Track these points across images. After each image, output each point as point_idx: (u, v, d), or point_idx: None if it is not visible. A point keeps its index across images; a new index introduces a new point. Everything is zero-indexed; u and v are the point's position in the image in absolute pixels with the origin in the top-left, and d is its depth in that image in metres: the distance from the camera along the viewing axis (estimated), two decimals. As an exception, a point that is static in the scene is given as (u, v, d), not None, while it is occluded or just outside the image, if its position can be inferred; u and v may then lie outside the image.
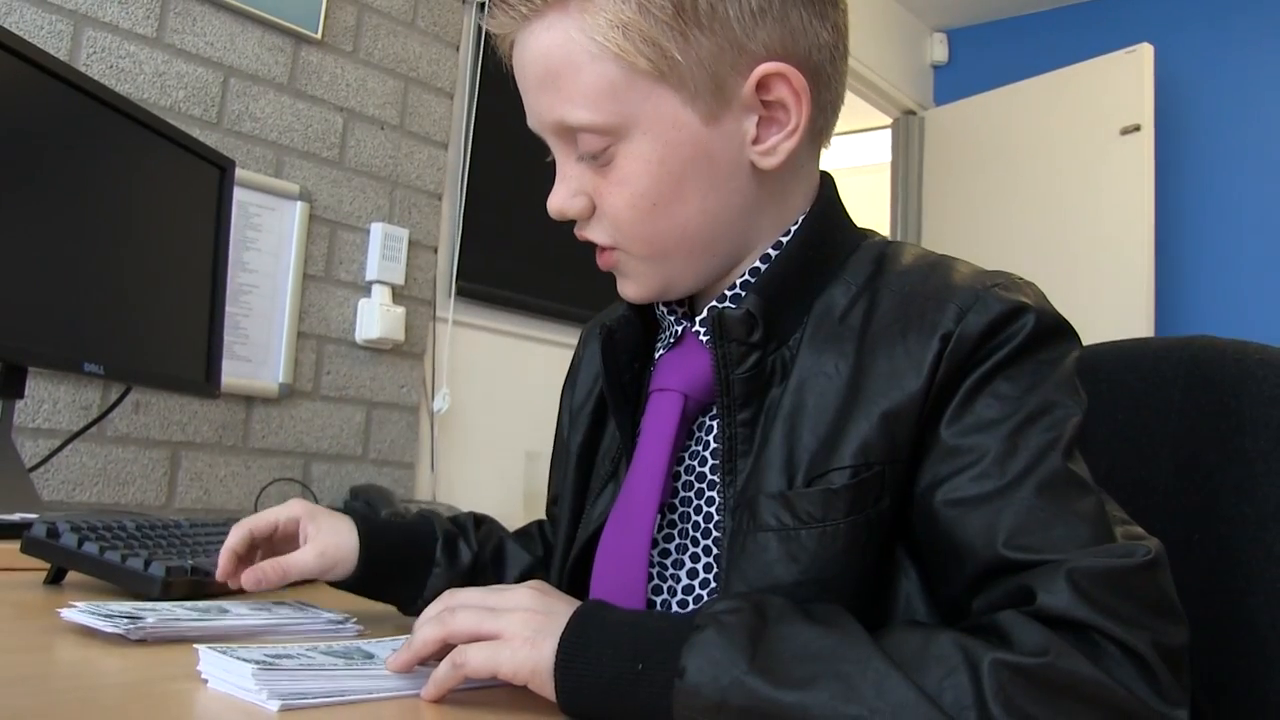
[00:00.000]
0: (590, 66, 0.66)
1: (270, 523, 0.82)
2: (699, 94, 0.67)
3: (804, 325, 0.70)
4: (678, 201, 0.69)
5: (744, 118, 0.69)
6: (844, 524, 0.63)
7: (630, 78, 0.66)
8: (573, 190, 0.72)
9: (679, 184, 0.69)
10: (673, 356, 0.76)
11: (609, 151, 0.68)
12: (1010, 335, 0.63)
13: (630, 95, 0.67)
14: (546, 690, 0.56)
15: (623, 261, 0.73)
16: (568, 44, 0.66)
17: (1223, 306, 3.26)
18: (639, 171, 0.68)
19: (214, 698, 0.53)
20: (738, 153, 0.70)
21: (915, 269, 0.70)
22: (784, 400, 0.68)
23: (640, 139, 0.68)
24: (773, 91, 0.68)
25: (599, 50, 0.66)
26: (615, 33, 0.65)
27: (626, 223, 0.70)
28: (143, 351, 1.39)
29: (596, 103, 0.67)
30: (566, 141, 0.71)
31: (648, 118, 0.67)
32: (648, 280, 0.74)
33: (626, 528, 0.73)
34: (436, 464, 2.15)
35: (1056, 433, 0.61)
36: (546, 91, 0.69)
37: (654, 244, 0.71)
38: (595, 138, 0.68)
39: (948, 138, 3.82)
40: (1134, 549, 0.56)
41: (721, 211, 0.71)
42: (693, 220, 0.70)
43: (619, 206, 0.70)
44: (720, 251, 0.73)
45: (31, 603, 0.79)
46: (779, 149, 0.70)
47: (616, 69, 0.66)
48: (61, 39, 1.58)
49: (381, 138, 2.08)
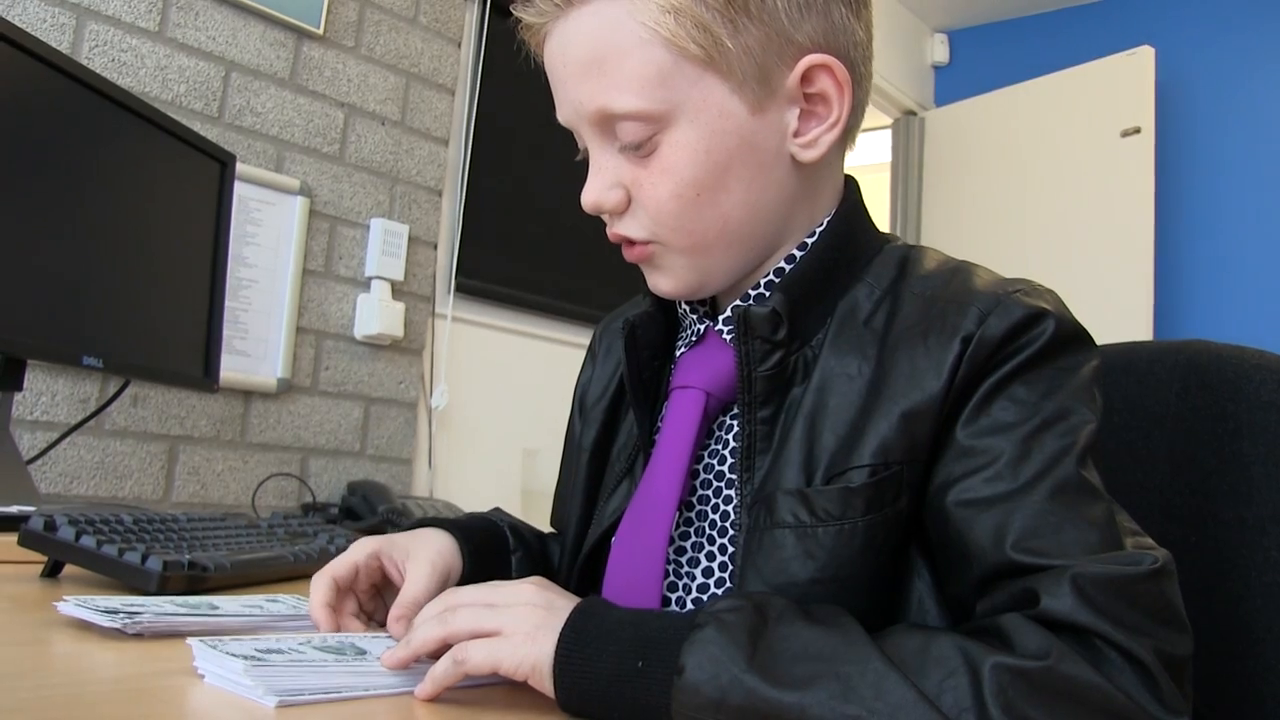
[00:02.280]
0: (639, 52, 0.65)
1: (350, 565, 0.75)
2: (746, 83, 0.67)
3: (827, 326, 0.70)
4: (721, 191, 0.69)
5: (787, 109, 0.69)
6: (861, 522, 0.63)
7: (679, 64, 0.66)
8: (609, 182, 0.71)
9: (724, 173, 0.68)
10: (695, 354, 0.76)
11: (653, 140, 0.68)
12: (1030, 340, 0.63)
13: (678, 82, 0.66)
14: (545, 687, 0.56)
15: (659, 255, 0.72)
16: (616, 29, 0.66)
17: (1222, 310, 3.26)
18: (685, 160, 0.68)
19: (211, 693, 0.53)
20: (780, 144, 0.70)
21: (938, 274, 0.70)
22: (805, 399, 0.68)
23: (687, 127, 0.67)
24: (816, 84, 0.69)
25: (649, 35, 0.65)
26: (667, 17, 0.65)
27: (670, 213, 0.69)
28: (142, 345, 1.39)
29: (644, 89, 0.66)
30: (604, 132, 0.70)
31: (695, 105, 0.67)
32: (684, 275, 0.73)
33: (644, 525, 0.73)
34: (434, 460, 2.15)
35: (1071, 439, 0.61)
36: (589, 79, 0.68)
37: (695, 235, 0.70)
38: (639, 126, 0.67)
39: (948, 139, 3.82)
40: (1141, 557, 0.56)
41: (762, 204, 0.71)
42: (735, 211, 0.70)
43: (662, 197, 0.69)
44: (757, 246, 0.73)
45: (28, 596, 0.79)
46: (820, 141, 0.70)
47: (666, 55, 0.66)
48: (64, 32, 1.58)
49: (382, 133, 2.08)
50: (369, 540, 0.77)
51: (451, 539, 0.79)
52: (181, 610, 0.70)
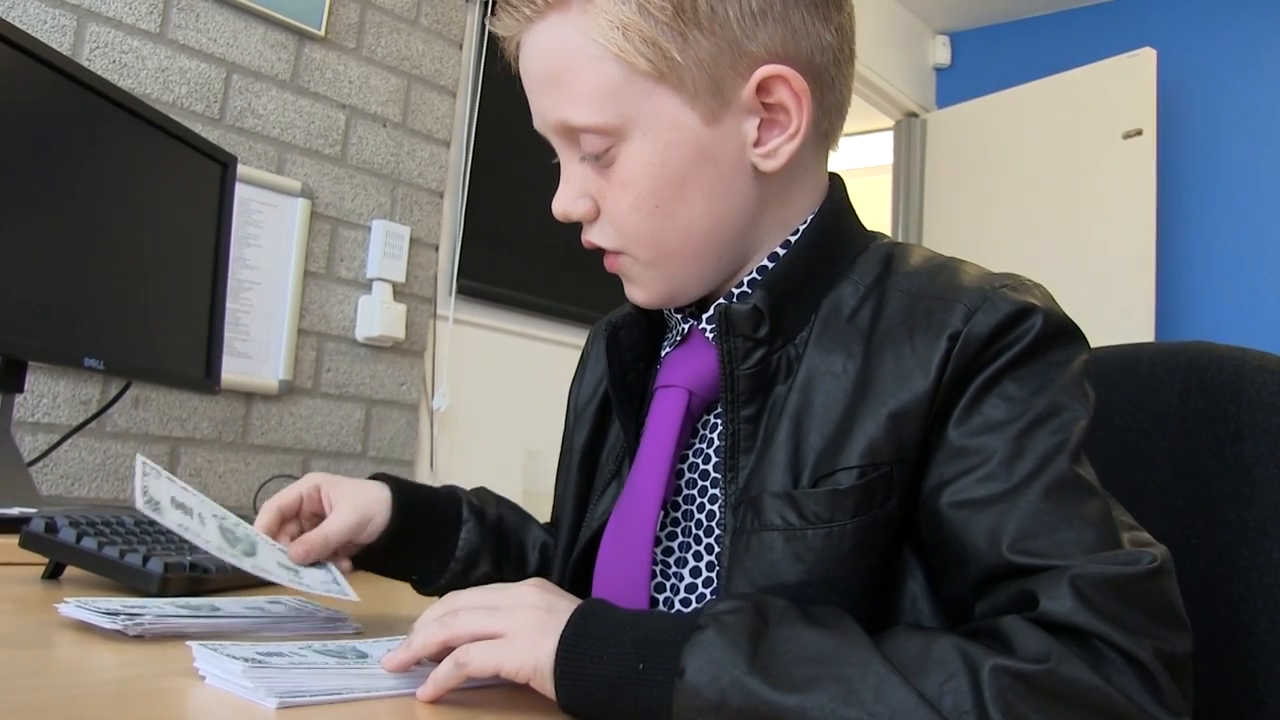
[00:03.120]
0: (591, 67, 0.66)
1: (295, 496, 0.83)
2: (699, 95, 0.67)
3: (811, 324, 0.70)
4: (680, 203, 0.69)
5: (744, 120, 0.69)
6: (851, 524, 0.63)
7: (630, 78, 0.66)
8: (576, 192, 0.72)
9: (680, 185, 0.69)
10: (679, 354, 0.76)
11: (611, 153, 0.68)
12: (1018, 336, 0.63)
13: (630, 96, 0.67)
14: (547, 688, 0.56)
15: (628, 266, 0.73)
16: (569, 45, 0.67)
17: (1223, 312, 3.26)
18: (640, 173, 0.68)
19: (212, 694, 0.53)
20: (739, 155, 0.70)
21: (923, 270, 0.70)
22: (790, 398, 0.68)
23: (641, 140, 0.68)
24: (773, 94, 0.68)
25: (599, 51, 0.66)
26: (615, 33, 0.65)
27: (631, 225, 0.70)
28: (143, 347, 1.39)
29: (597, 104, 0.67)
30: (570, 142, 0.71)
31: (648, 118, 0.67)
32: (654, 286, 0.74)
33: (629, 525, 0.73)
34: (436, 462, 2.15)
35: (1064, 435, 0.61)
36: (549, 93, 0.69)
37: (658, 247, 0.71)
38: (597, 138, 0.68)
39: (950, 140, 3.82)
40: (1139, 556, 0.56)
41: (725, 214, 0.71)
42: (696, 222, 0.70)
43: (623, 209, 0.70)
44: (725, 254, 0.73)
45: (29, 597, 0.79)
46: (780, 151, 0.69)
47: (616, 70, 0.66)
48: (65, 33, 1.58)
49: (384, 135, 2.08)
50: (316, 474, 0.85)
51: (385, 491, 0.84)
52: (183, 612, 0.70)
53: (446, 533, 0.88)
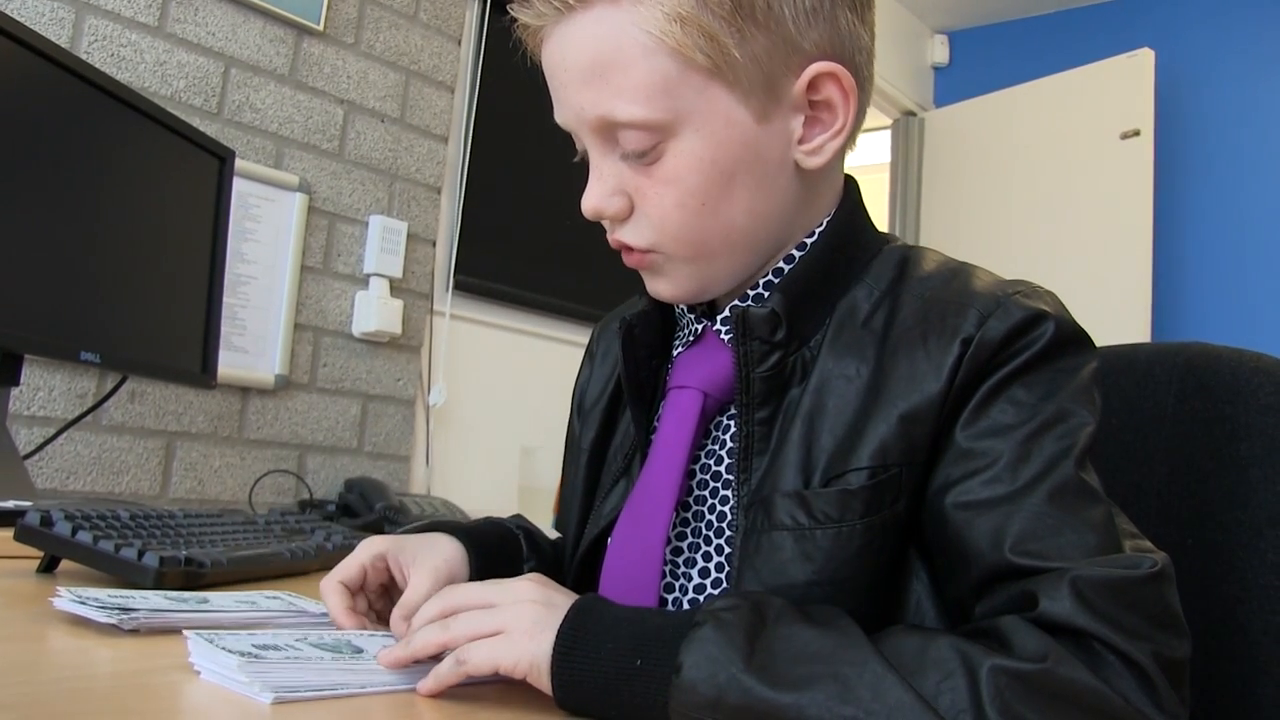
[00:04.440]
0: (644, 61, 0.64)
1: (357, 569, 0.74)
2: (752, 91, 0.66)
3: (826, 327, 0.70)
4: (726, 200, 0.68)
5: (792, 117, 0.68)
6: (860, 525, 0.63)
7: (685, 73, 0.64)
8: (611, 189, 0.69)
9: (729, 182, 0.67)
10: (692, 354, 0.76)
11: (657, 149, 0.66)
12: (1029, 342, 0.63)
13: (684, 91, 0.65)
14: (544, 684, 0.56)
15: (660, 263, 0.71)
16: (620, 37, 0.64)
17: (1220, 313, 3.26)
18: (690, 169, 0.66)
19: (206, 689, 0.53)
20: (784, 151, 0.69)
21: (937, 275, 0.70)
22: (803, 400, 0.68)
23: (692, 136, 0.66)
24: (822, 91, 0.68)
25: (654, 44, 0.63)
26: (673, 26, 0.63)
27: (674, 223, 0.68)
28: (139, 341, 1.39)
29: (649, 98, 0.64)
30: (606, 139, 0.68)
31: (701, 115, 0.65)
32: (686, 282, 0.72)
33: (641, 524, 0.72)
34: (432, 458, 2.15)
35: (1069, 441, 0.61)
36: (591, 86, 0.66)
37: (699, 245, 0.69)
38: (643, 134, 0.66)
39: (948, 140, 3.82)
40: (1140, 560, 0.56)
41: (766, 210, 0.70)
42: (739, 220, 0.69)
43: (667, 206, 0.68)
44: (760, 251, 0.72)
45: (24, 591, 0.79)
46: (825, 148, 0.69)
47: (671, 64, 0.64)
48: (63, 26, 1.58)
49: (382, 130, 2.07)
50: (376, 541, 0.76)
51: (459, 546, 0.77)
52: (176, 606, 0.70)
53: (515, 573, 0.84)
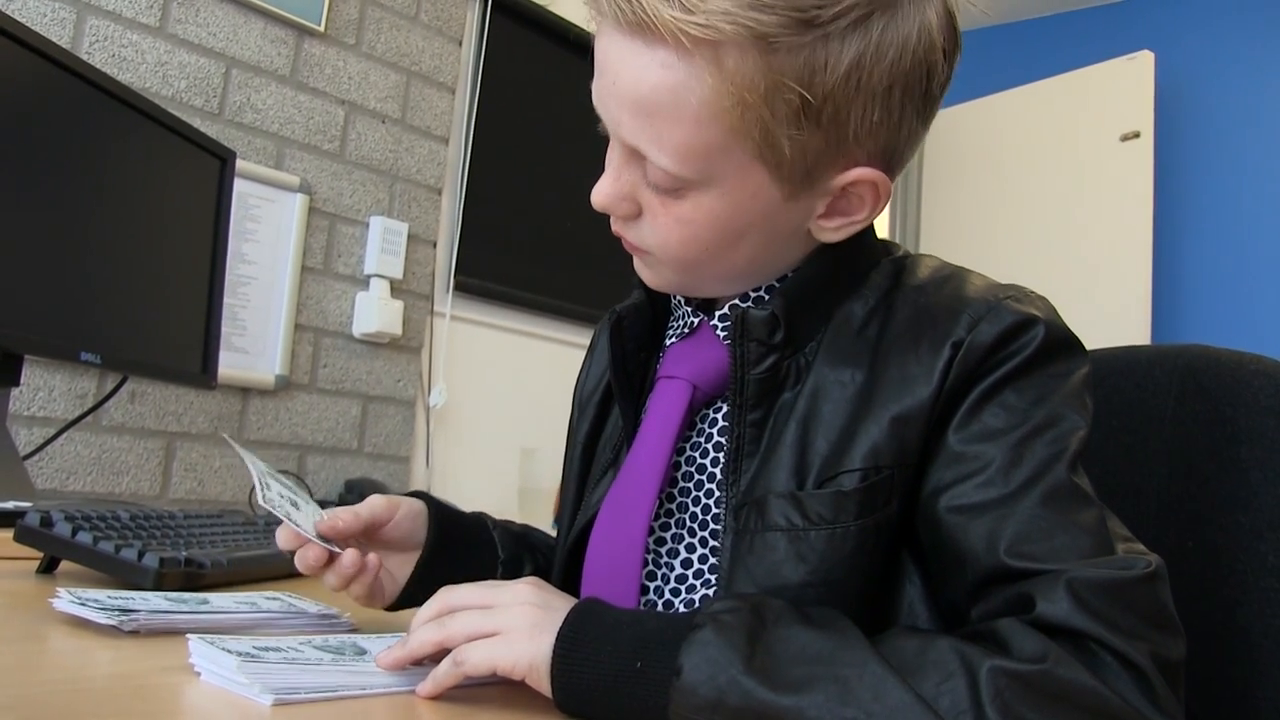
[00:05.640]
0: (694, 126, 0.61)
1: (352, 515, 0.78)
2: (789, 177, 0.65)
3: (822, 334, 0.70)
4: (730, 250, 0.68)
5: (820, 199, 0.67)
6: (854, 526, 0.63)
7: (729, 149, 0.63)
8: (623, 192, 0.68)
9: (737, 240, 0.68)
10: (684, 346, 0.76)
11: (680, 191, 0.65)
12: (1020, 347, 0.64)
13: (722, 161, 0.63)
14: (543, 686, 0.56)
15: (652, 262, 0.72)
16: (679, 93, 0.61)
17: (1220, 315, 3.26)
18: (704, 223, 0.66)
19: (206, 690, 0.53)
20: (801, 222, 0.69)
21: (930, 281, 0.70)
22: (797, 404, 0.68)
23: (717, 196, 0.65)
24: (857, 189, 0.67)
25: (711, 115, 0.61)
26: (736, 108, 0.60)
27: (674, 252, 0.69)
28: (140, 341, 1.39)
29: (686, 158, 0.63)
30: (633, 155, 0.66)
31: (732, 182, 0.64)
32: (671, 282, 0.73)
33: (624, 511, 0.72)
34: (432, 458, 2.15)
35: (1061, 445, 0.61)
36: (635, 119, 0.63)
37: (694, 272, 0.70)
38: (671, 178, 0.65)
39: (947, 142, 3.82)
40: (1134, 561, 0.57)
41: (766, 261, 0.71)
42: (739, 264, 0.70)
43: (671, 240, 0.68)
44: (753, 282, 0.73)
45: (24, 592, 0.79)
46: (842, 231, 0.69)
47: (720, 137, 0.62)
48: (64, 26, 1.58)
49: (382, 131, 2.08)
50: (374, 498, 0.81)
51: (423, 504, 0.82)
52: (176, 607, 0.70)
53: (482, 541, 0.87)
